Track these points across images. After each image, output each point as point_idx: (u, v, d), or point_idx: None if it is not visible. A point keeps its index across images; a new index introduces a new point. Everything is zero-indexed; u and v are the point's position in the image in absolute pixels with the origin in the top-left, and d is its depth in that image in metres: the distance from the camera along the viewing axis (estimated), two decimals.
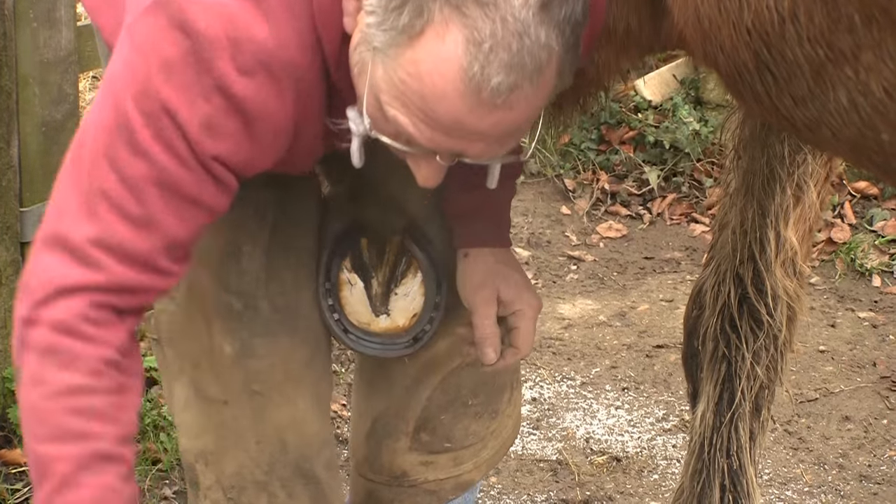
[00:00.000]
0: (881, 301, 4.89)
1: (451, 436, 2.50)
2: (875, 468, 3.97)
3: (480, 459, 2.57)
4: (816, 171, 2.83)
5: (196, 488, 2.34)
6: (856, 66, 1.79)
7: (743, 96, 1.94)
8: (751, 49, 1.83)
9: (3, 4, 3.37)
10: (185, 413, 2.31)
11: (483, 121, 1.77)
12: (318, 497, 2.32)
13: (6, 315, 3.52)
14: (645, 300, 4.85)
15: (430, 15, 1.73)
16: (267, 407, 2.26)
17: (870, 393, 4.34)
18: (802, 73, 1.82)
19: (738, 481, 3.04)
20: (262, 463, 2.27)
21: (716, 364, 3.01)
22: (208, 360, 2.26)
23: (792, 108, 1.88)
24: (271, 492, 2.29)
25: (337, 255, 2.33)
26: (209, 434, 2.29)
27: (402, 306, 2.34)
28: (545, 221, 5.35)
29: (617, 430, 4.10)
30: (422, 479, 2.52)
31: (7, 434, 3.57)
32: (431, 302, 2.33)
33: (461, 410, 2.50)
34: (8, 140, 3.42)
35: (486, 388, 2.51)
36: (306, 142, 2.00)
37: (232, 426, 2.27)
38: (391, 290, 2.34)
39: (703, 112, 5.63)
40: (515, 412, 2.62)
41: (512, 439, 2.64)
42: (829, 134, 1.90)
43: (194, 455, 2.32)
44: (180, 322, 2.27)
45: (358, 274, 2.34)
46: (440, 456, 2.52)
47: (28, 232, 3.53)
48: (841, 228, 5.21)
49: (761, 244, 2.88)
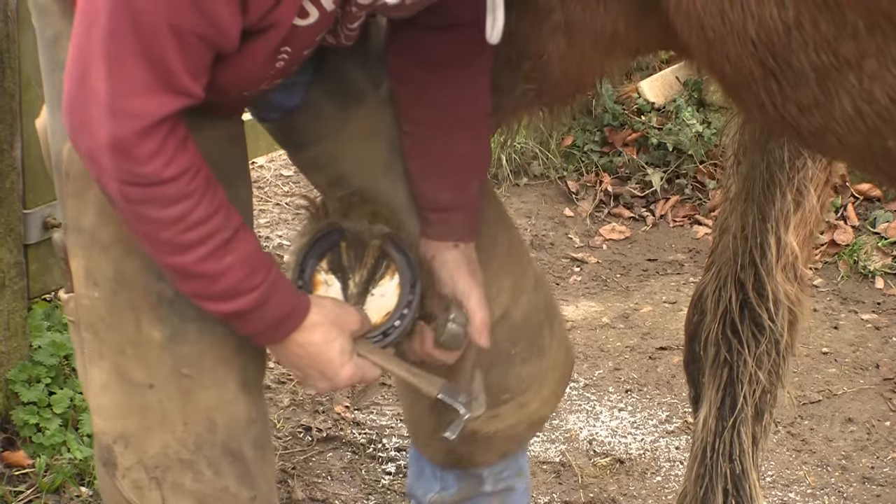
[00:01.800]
0: (884, 303, 4.88)
1: (506, 387, 2.59)
2: (878, 470, 3.97)
3: (545, 395, 2.66)
4: (816, 176, 2.83)
5: (113, 469, 2.35)
6: (860, 73, 1.79)
7: (746, 104, 1.95)
8: (756, 59, 1.83)
9: (7, 6, 3.37)
10: (103, 396, 2.34)
11: None
12: (244, 474, 2.36)
13: (9, 317, 3.53)
14: (648, 302, 4.85)
15: None
16: (196, 389, 2.30)
17: (873, 395, 4.34)
18: (808, 81, 1.83)
19: (741, 486, 3.05)
20: (188, 443, 2.32)
21: (717, 369, 3.01)
22: (134, 347, 2.30)
23: (797, 117, 1.89)
24: (197, 470, 2.32)
25: (312, 255, 2.37)
26: (131, 417, 2.32)
27: (377, 305, 2.38)
28: (548, 223, 5.35)
29: (620, 431, 4.10)
30: (493, 431, 2.61)
31: (10, 436, 3.57)
32: (405, 300, 2.37)
33: (506, 362, 2.58)
34: (11, 142, 3.42)
35: (522, 334, 2.59)
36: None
37: (157, 408, 2.31)
38: (368, 291, 2.38)
39: (706, 114, 5.62)
40: (563, 341, 2.71)
41: (570, 366, 2.74)
42: (834, 141, 1.90)
43: (112, 437, 2.34)
44: (102, 311, 2.30)
45: (336, 275, 2.38)
46: (503, 407, 2.60)
47: (31, 234, 3.54)
48: (844, 230, 5.21)
49: (762, 249, 2.88)
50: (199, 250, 2.07)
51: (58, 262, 2.39)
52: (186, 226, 2.04)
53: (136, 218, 2.06)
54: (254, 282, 2.13)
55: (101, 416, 2.35)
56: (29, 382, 3.56)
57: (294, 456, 3.83)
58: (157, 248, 2.09)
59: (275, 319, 2.19)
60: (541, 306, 2.63)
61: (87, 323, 2.32)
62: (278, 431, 3.91)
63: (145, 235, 2.08)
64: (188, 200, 2.03)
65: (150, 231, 2.06)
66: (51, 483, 3.45)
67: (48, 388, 3.58)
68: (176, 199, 2.02)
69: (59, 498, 3.46)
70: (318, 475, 3.78)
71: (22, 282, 3.54)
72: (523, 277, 2.60)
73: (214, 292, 2.13)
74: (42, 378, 3.57)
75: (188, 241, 2.06)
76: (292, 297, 2.21)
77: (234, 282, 2.12)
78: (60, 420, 3.55)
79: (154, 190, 2.01)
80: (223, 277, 2.11)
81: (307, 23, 2.08)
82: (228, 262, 2.09)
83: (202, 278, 2.11)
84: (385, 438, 3.95)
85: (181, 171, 2.01)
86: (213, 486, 2.33)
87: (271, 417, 3.94)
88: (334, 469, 3.81)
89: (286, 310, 2.19)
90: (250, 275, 2.12)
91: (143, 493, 2.34)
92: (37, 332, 3.64)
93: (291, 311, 2.20)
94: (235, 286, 2.12)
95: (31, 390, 3.54)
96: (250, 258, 2.13)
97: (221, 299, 2.14)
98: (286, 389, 4.11)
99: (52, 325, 3.71)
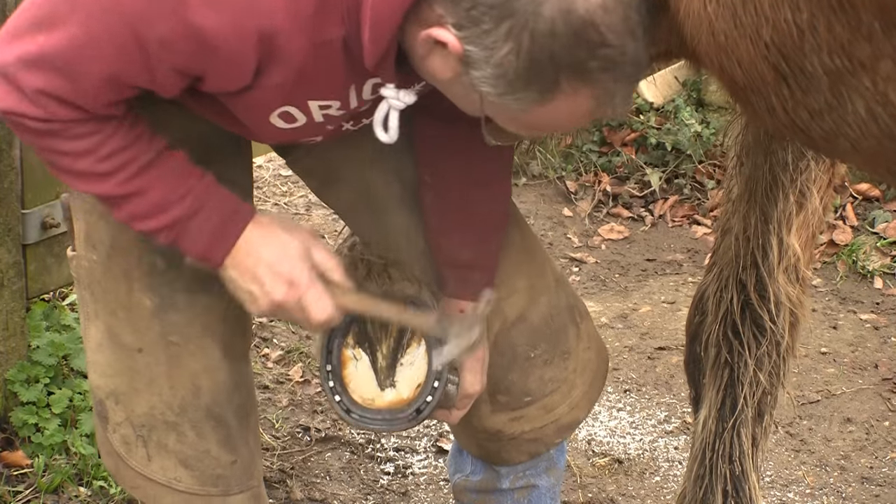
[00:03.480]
0: (883, 303, 4.88)
1: (527, 390, 2.57)
2: (877, 470, 3.97)
3: (574, 399, 2.63)
4: (819, 178, 2.82)
5: (105, 422, 2.47)
6: (874, 76, 1.78)
7: (755, 109, 1.94)
8: (769, 62, 1.82)
9: (6, 6, 3.36)
10: (98, 353, 2.43)
11: None
12: (226, 440, 2.44)
13: (7, 317, 3.52)
14: (647, 302, 4.84)
15: (558, 88, 1.89)
16: (182, 355, 2.39)
17: (871, 395, 4.34)
18: (820, 85, 1.82)
19: (741, 487, 3.05)
20: (174, 406, 2.41)
21: (718, 370, 3.01)
22: (125, 312, 2.38)
23: (808, 121, 1.88)
24: (181, 431, 2.42)
25: (337, 335, 2.38)
26: (121, 376, 2.41)
27: (408, 376, 2.39)
28: (547, 223, 5.35)
29: (619, 431, 4.10)
30: (518, 432, 2.61)
31: (9, 436, 3.57)
32: (434, 373, 2.36)
33: (526, 364, 2.56)
34: (10, 142, 3.41)
35: (542, 336, 2.57)
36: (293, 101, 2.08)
37: (145, 372, 2.40)
38: (397, 361, 2.39)
39: (705, 114, 5.62)
40: (593, 343, 2.66)
41: (604, 368, 2.70)
42: (846, 145, 1.90)
43: (105, 392, 2.44)
44: (98, 274, 2.38)
45: (362, 348, 2.39)
46: (526, 409, 2.59)
47: (30, 234, 3.53)
48: (843, 230, 5.20)
49: (764, 250, 2.88)
50: (118, 175, 2.08)
51: (64, 222, 2.48)
52: (99, 157, 2.07)
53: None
54: (185, 187, 2.12)
55: (96, 373, 2.45)
56: (27, 382, 3.56)
57: (292, 456, 3.83)
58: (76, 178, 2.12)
59: (217, 224, 2.16)
60: (563, 308, 2.60)
61: (85, 282, 2.41)
62: (277, 431, 3.91)
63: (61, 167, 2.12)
64: (98, 134, 2.06)
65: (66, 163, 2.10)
66: (49, 483, 3.45)
67: (47, 388, 3.58)
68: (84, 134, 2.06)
69: (57, 498, 3.46)
70: (317, 475, 3.77)
71: (20, 282, 3.54)
72: (541, 278, 2.57)
73: (147, 208, 2.12)
74: (41, 378, 3.57)
75: (104, 169, 2.08)
76: (233, 200, 2.18)
77: (164, 191, 2.11)
78: (59, 420, 3.55)
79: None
80: (151, 191, 2.10)
81: (294, 126, 2.12)
82: (155, 174, 2.10)
83: (132, 197, 2.11)
84: (384, 438, 3.95)
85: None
86: (196, 447, 2.42)
87: (269, 417, 3.94)
88: (333, 469, 3.81)
89: (226, 212, 2.16)
90: (180, 182, 2.12)
91: (130, 449, 2.45)
92: (35, 332, 3.64)
93: (233, 212, 2.17)
94: (166, 196, 2.11)
95: (29, 390, 3.54)
96: (179, 169, 2.13)
97: (155, 213, 2.13)
98: (285, 389, 4.11)
99: (51, 325, 3.71)
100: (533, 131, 2.04)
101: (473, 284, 2.40)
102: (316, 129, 2.15)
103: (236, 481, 2.47)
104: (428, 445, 3.92)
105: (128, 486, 2.53)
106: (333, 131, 2.20)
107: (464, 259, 2.41)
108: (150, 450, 2.43)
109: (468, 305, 2.40)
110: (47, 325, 3.70)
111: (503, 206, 2.45)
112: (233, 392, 2.44)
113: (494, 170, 2.40)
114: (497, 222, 2.44)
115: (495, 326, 2.51)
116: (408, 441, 3.95)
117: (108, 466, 2.53)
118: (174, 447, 2.42)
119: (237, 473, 2.47)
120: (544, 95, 1.90)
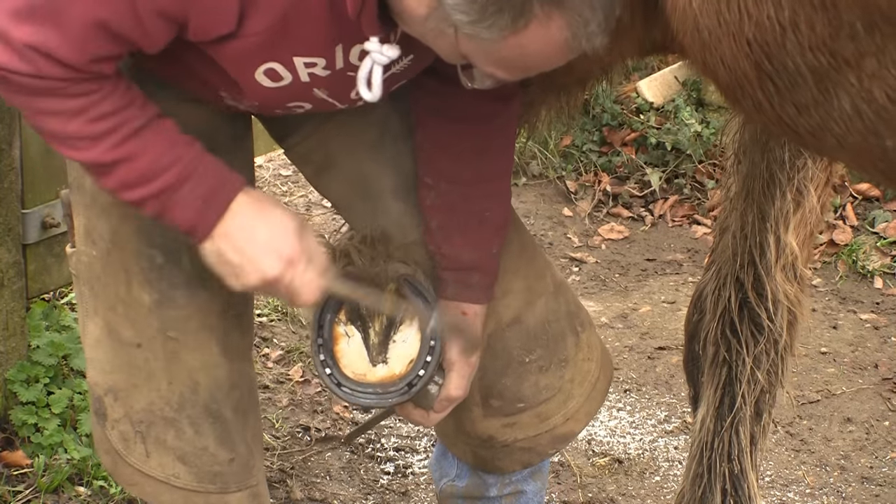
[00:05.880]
0: (883, 303, 4.88)
1: (521, 396, 2.53)
2: (877, 470, 3.97)
3: (570, 410, 2.57)
4: (817, 176, 2.82)
5: (103, 419, 2.46)
6: (859, 73, 1.78)
7: (743, 105, 1.94)
8: (751, 60, 1.83)
9: None
10: (97, 350, 2.44)
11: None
12: (224, 436, 2.44)
13: (7, 317, 3.52)
14: (647, 302, 4.84)
15: (531, 13, 1.87)
16: (181, 351, 2.39)
17: (871, 395, 4.34)
18: (805, 81, 1.82)
19: (740, 486, 3.05)
20: (172, 402, 2.41)
21: (716, 368, 3.01)
22: (124, 307, 2.38)
23: (795, 117, 1.88)
24: (179, 428, 2.42)
25: (328, 310, 2.35)
26: (120, 372, 2.41)
27: (401, 352, 2.35)
28: (547, 223, 5.35)
29: (619, 431, 4.10)
30: (511, 440, 2.57)
31: (9, 436, 3.57)
32: (426, 346, 2.33)
33: (521, 370, 2.52)
34: (10, 141, 3.42)
35: (538, 342, 2.53)
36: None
37: (143, 367, 2.40)
38: (389, 338, 2.36)
39: (705, 114, 5.62)
40: (594, 353, 2.61)
41: (605, 381, 2.64)
42: (833, 141, 1.90)
43: (103, 389, 2.44)
44: (98, 269, 2.39)
45: (355, 325, 2.36)
46: (519, 416, 2.54)
47: (30, 234, 3.53)
48: (843, 230, 5.21)
49: (761, 249, 2.88)
50: (108, 139, 2.07)
51: (64, 219, 2.49)
52: (90, 118, 2.06)
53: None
54: (174, 155, 2.11)
55: (95, 369, 2.45)
56: (27, 382, 3.56)
57: (292, 456, 3.83)
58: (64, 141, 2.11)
59: (206, 193, 2.13)
60: (562, 314, 2.55)
61: (84, 278, 2.42)
62: (277, 431, 3.91)
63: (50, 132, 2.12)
64: (91, 95, 2.05)
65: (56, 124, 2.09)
66: (49, 483, 3.45)
67: (46, 388, 3.58)
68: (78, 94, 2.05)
69: (57, 498, 3.46)
70: (317, 475, 3.78)
71: (20, 281, 3.54)
72: (539, 281, 2.54)
73: (135, 176, 2.10)
74: (40, 378, 3.57)
75: (94, 131, 2.06)
76: (222, 170, 2.15)
77: (153, 158, 2.09)
78: (59, 420, 3.55)
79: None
80: (140, 157, 2.08)
81: (280, 85, 2.11)
82: (145, 140, 2.08)
83: (121, 163, 2.09)
84: (384, 438, 3.95)
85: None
86: (194, 444, 2.42)
87: (269, 417, 3.94)
88: (333, 469, 3.81)
89: (216, 181, 2.14)
90: (169, 150, 2.10)
91: (128, 445, 2.45)
92: (35, 332, 3.64)
93: (222, 182, 2.15)
94: (155, 162, 2.10)
95: (29, 390, 3.54)
96: (169, 137, 2.11)
97: (144, 182, 2.11)
98: (285, 389, 4.11)
99: (51, 324, 3.72)
100: (508, 72, 1.98)
101: (474, 287, 2.39)
102: (303, 90, 2.14)
103: (234, 479, 2.47)
104: (428, 445, 3.92)
105: (126, 484, 2.52)
106: (322, 102, 2.19)
107: (465, 261, 2.39)
108: (149, 446, 2.43)
109: (469, 308, 2.39)
110: (47, 324, 3.71)
111: (504, 207, 2.43)
112: (231, 389, 2.44)
113: (495, 170, 2.39)
114: (498, 223, 2.42)
115: (489, 327, 2.47)
116: (408, 441, 3.95)
117: (106, 464, 2.53)
118: (172, 443, 2.42)
119: (235, 471, 2.46)
120: (517, 21, 1.88)
